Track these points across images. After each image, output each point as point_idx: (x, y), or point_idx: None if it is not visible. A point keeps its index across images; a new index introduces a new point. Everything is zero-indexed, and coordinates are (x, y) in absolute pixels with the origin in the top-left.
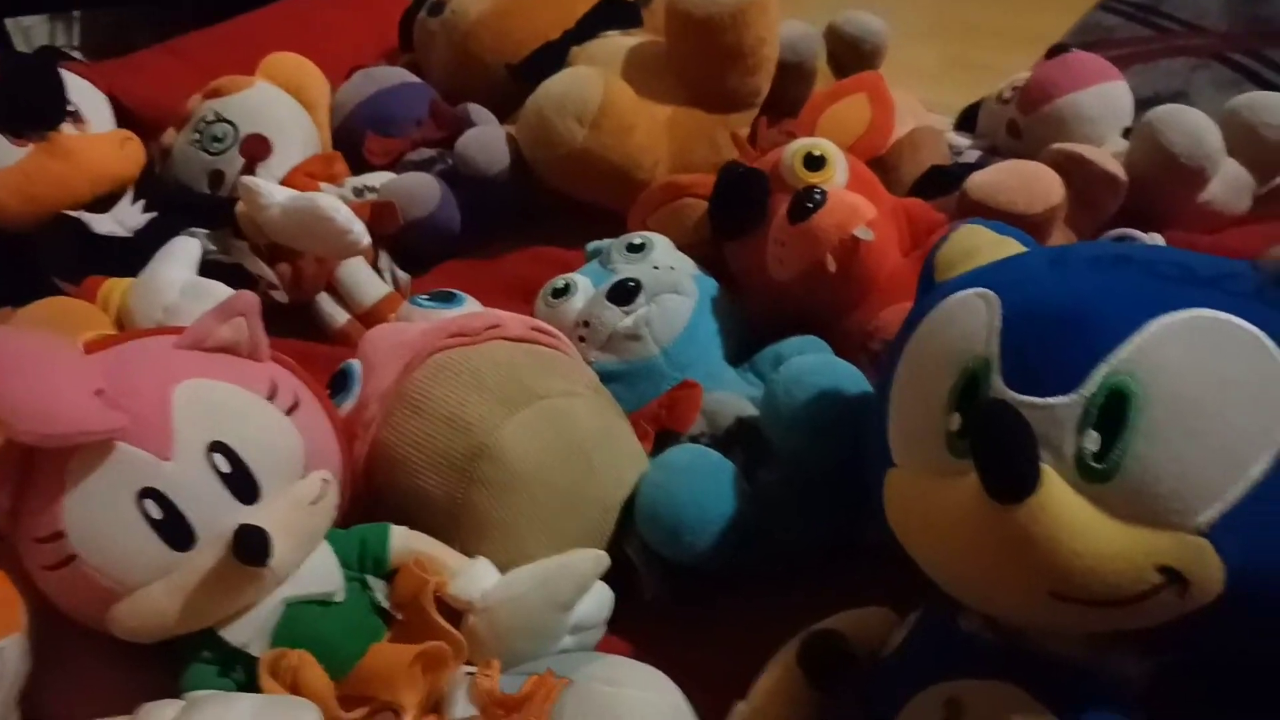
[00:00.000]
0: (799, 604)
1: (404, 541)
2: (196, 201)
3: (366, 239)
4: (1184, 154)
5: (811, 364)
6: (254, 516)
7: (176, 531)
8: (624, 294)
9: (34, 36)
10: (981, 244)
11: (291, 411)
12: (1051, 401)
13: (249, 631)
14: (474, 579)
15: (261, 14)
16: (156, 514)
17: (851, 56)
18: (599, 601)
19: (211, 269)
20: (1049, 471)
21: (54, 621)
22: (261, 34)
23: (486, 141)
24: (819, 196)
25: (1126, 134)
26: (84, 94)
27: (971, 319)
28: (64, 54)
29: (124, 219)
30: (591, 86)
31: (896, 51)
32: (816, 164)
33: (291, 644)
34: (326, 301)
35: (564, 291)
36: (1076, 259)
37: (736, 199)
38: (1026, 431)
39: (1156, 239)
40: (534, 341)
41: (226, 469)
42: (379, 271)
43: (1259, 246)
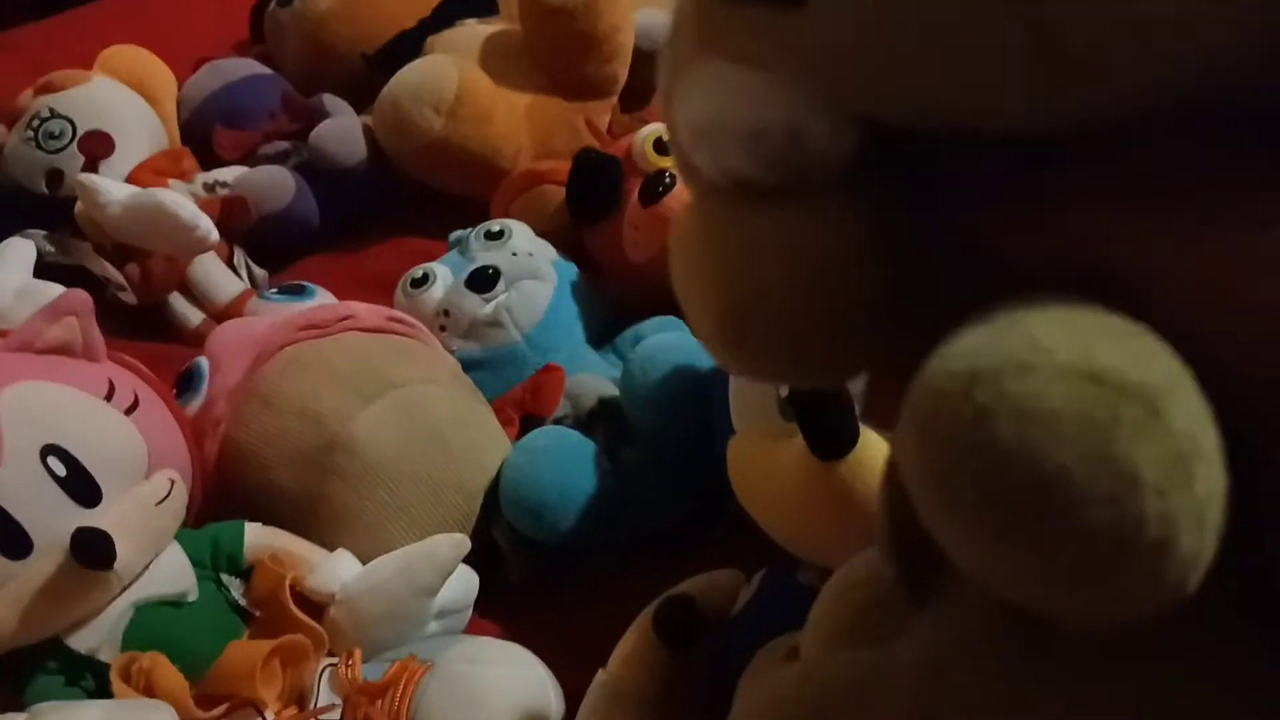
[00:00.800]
0: (664, 578)
1: (259, 538)
2: (33, 202)
3: (214, 235)
4: None
5: (666, 342)
6: (95, 520)
7: (10, 539)
8: (483, 281)
9: None
10: None
11: (131, 411)
12: None
13: (97, 637)
14: (332, 571)
15: (100, 5)
16: None
17: None
18: (463, 585)
19: (52, 272)
20: (866, 430)
21: None
22: (101, 26)
23: (342, 133)
24: (669, 180)
25: None
26: None
27: None
28: None
29: None
30: (447, 75)
31: None
32: (667, 148)
33: (144, 647)
34: (180, 301)
35: (423, 281)
36: None
37: (591, 185)
38: (843, 394)
39: None
40: (390, 332)
41: (62, 472)
42: (234, 269)
43: None
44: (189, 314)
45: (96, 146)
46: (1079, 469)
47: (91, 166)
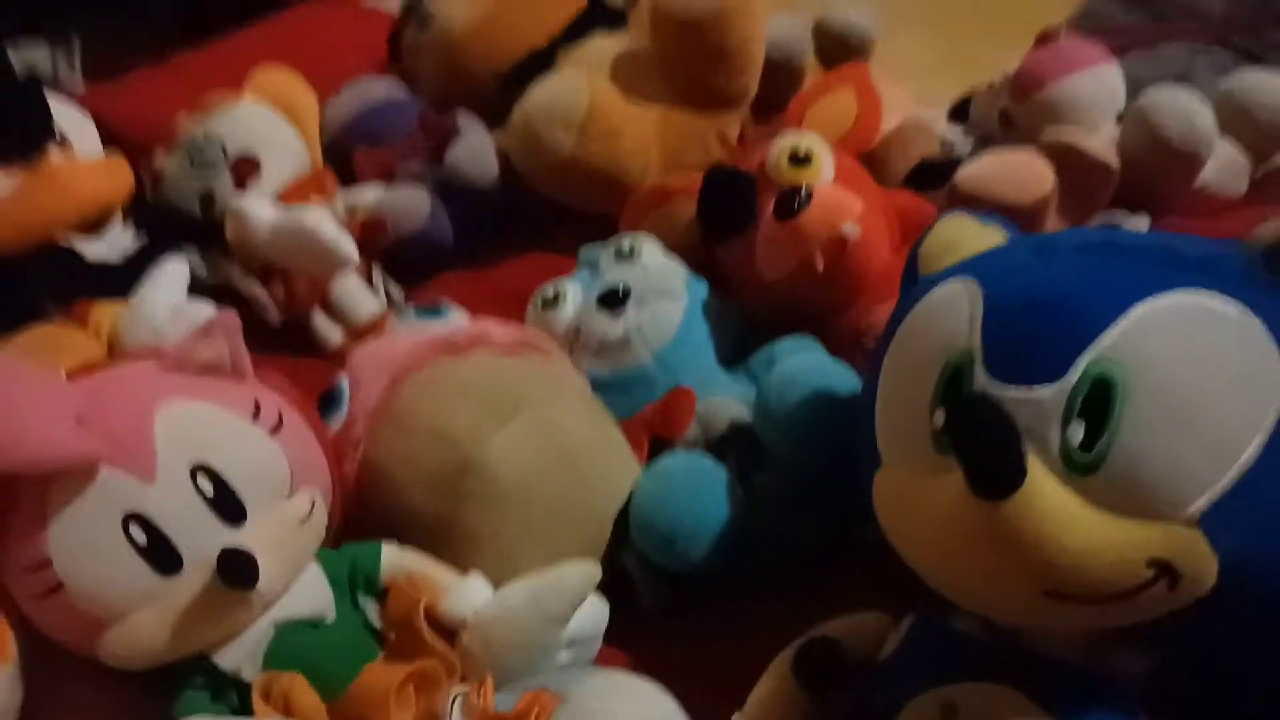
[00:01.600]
0: (798, 607)
1: (395, 559)
2: (188, 224)
3: (356, 255)
4: (1177, 138)
5: (803, 365)
6: (240, 538)
7: (162, 556)
8: (613, 301)
9: (36, 64)
10: (965, 235)
11: (276, 431)
12: (1035, 393)
13: (240, 656)
14: (465, 596)
15: (253, 30)
16: (142, 539)
17: (840, 52)
18: (594, 614)
19: (203, 291)
20: (1035, 465)
21: (48, 651)
22: (253, 50)
23: (476, 152)
24: (805, 194)
25: (1120, 118)
26: (69, 118)
27: (954, 312)
28: (47, 79)
29: (114, 243)
30: (577, 92)
31: (890, 46)
32: (802, 161)
33: (283, 666)
34: (321, 319)
35: (554, 301)
36: (1060, 246)
37: (723, 201)
38: (1009, 425)
39: (1142, 222)
40: (523, 352)
41: (211, 491)
42: (373, 287)
43: None
44: (330, 332)
45: (246, 169)
46: None
47: (241, 188)
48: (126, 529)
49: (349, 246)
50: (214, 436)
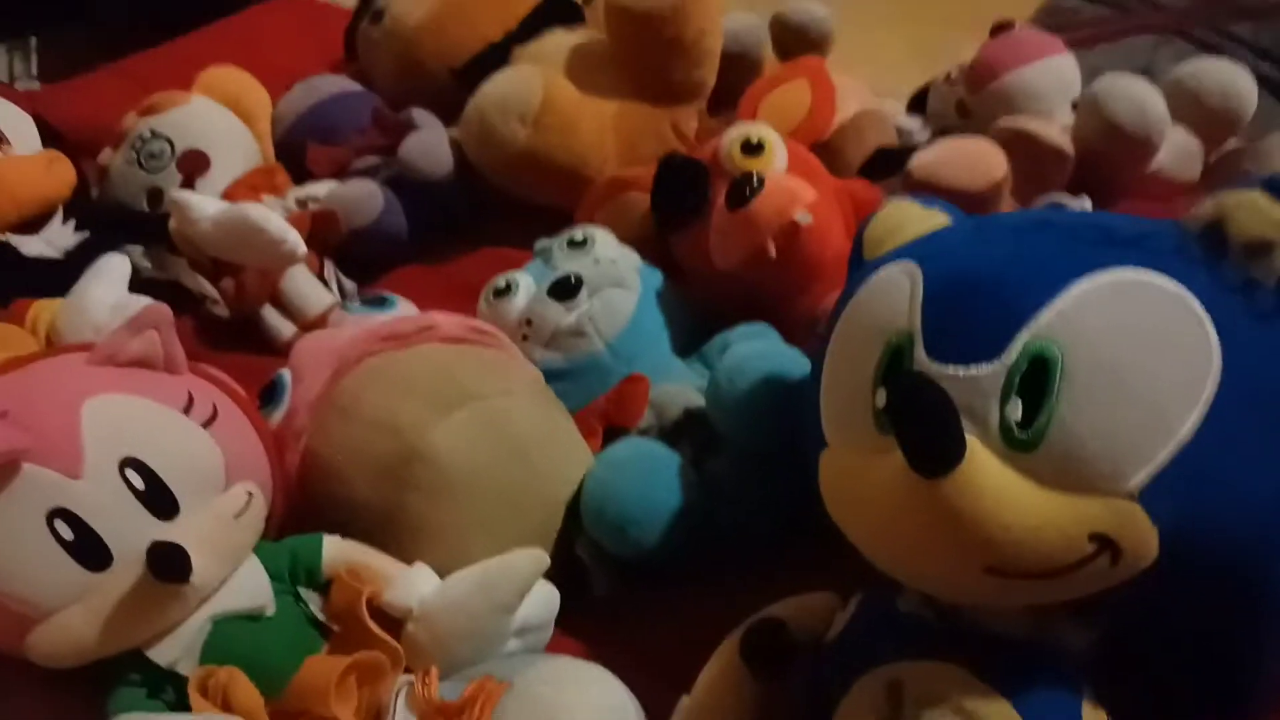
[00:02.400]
0: (751, 592)
1: (338, 551)
2: (134, 220)
3: (302, 248)
4: (1129, 124)
5: (754, 350)
6: (173, 533)
7: (91, 552)
8: (566, 290)
9: None
10: (908, 219)
11: (210, 424)
12: (974, 371)
13: (177, 650)
14: (410, 586)
15: (207, 31)
16: (68, 535)
17: (798, 45)
18: (544, 602)
19: (149, 287)
20: (974, 443)
21: None
22: (206, 50)
23: (430, 146)
24: (757, 182)
25: (1076, 107)
26: (8, 116)
27: (895, 293)
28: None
29: (54, 240)
30: (532, 85)
31: (858, 39)
32: (754, 150)
33: (221, 661)
34: (272, 314)
35: (505, 291)
36: (998, 226)
37: (676, 189)
38: (946, 402)
39: (1085, 203)
40: (471, 342)
41: (141, 485)
42: (325, 282)
43: None
44: (281, 326)
45: (194, 165)
46: None
47: (189, 184)
48: (52, 524)
49: (295, 239)
50: (144, 430)
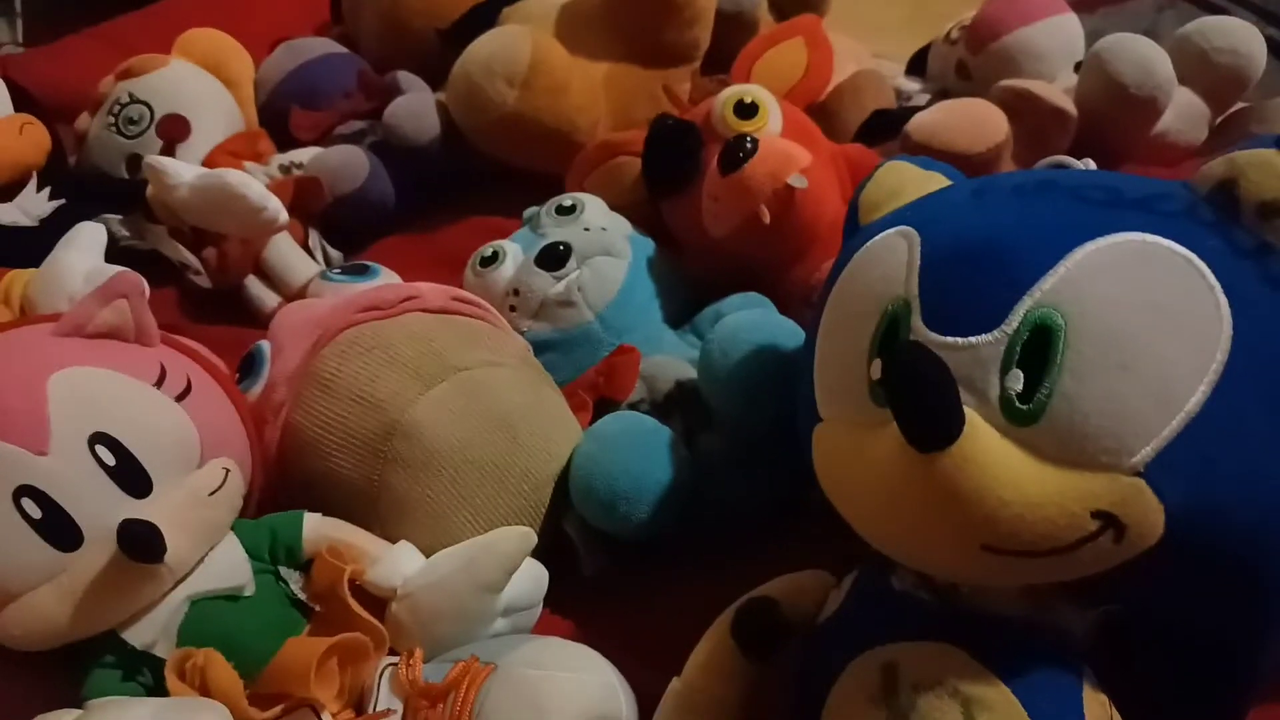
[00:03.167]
0: (743, 570)
1: (319, 529)
2: (113, 187)
3: (283, 215)
4: (1134, 84)
5: (747, 321)
6: (145, 510)
7: (60, 530)
8: (554, 259)
9: None
10: (906, 182)
11: (183, 397)
12: (973, 340)
13: (153, 632)
14: (394, 564)
15: None
16: (35, 513)
17: (794, 5)
18: (532, 581)
19: (128, 256)
20: (973, 416)
21: None
22: (189, 14)
23: (415, 110)
24: (750, 145)
25: (1079, 69)
26: None
27: (892, 259)
28: None
29: (28, 208)
30: (519, 45)
31: (859, 5)
32: (748, 112)
33: (199, 643)
34: (256, 285)
35: (492, 260)
36: (998, 189)
37: (667, 152)
38: (944, 373)
39: (1088, 164)
40: (455, 312)
41: (111, 461)
42: (309, 251)
43: None
44: (265, 297)
45: (174, 130)
46: None
47: (169, 150)
48: (18, 502)
49: (275, 206)
50: (114, 404)
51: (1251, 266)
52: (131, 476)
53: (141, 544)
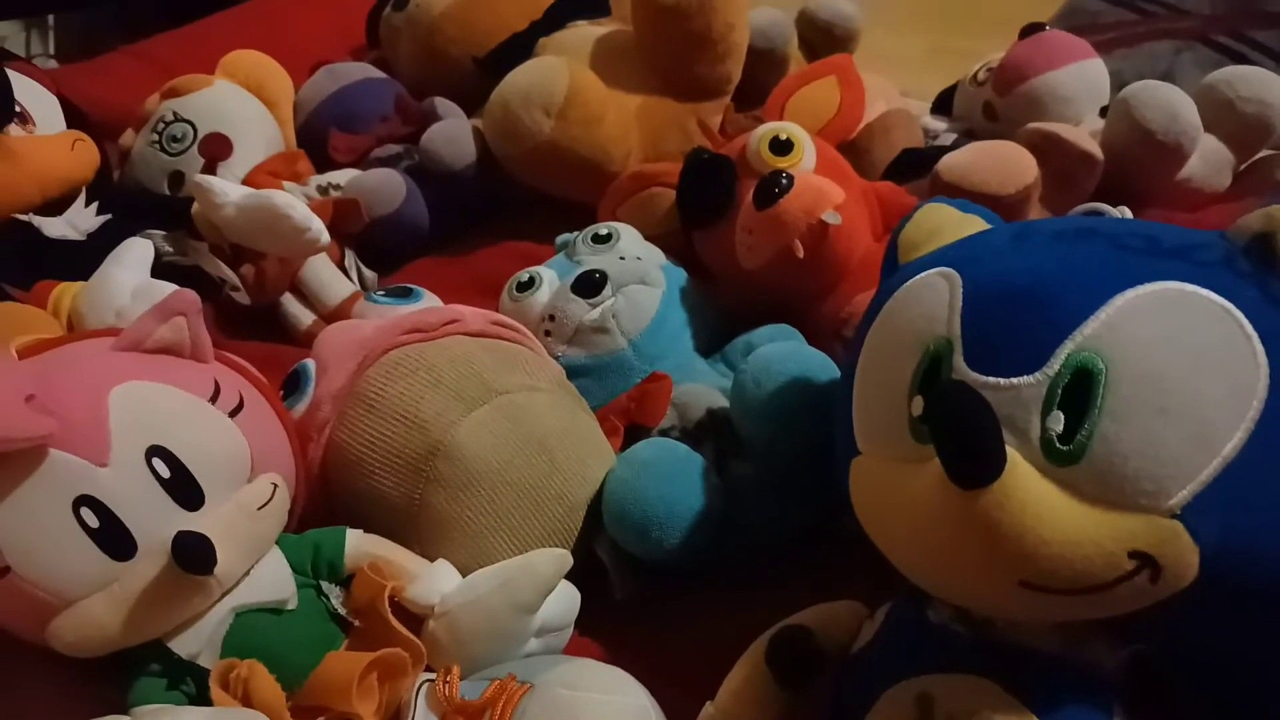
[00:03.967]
0: (774, 597)
1: (360, 545)
2: (156, 203)
3: (325, 237)
4: (1160, 130)
5: (780, 352)
6: (197, 523)
7: (116, 540)
8: (590, 286)
9: (10, 46)
10: (945, 223)
11: (236, 413)
12: (1015, 381)
13: (198, 642)
14: (433, 582)
15: (228, 14)
16: (94, 522)
17: (824, 42)
18: (565, 603)
19: (170, 272)
20: (1014, 455)
21: None
22: (227, 34)
23: (452, 136)
24: (785, 181)
25: (1104, 113)
26: (32, 95)
27: (933, 299)
28: (10, 54)
29: (77, 222)
30: (557, 77)
31: (880, 40)
32: (783, 148)
33: (242, 654)
34: (292, 303)
35: (528, 285)
36: (1039, 234)
37: (702, 186)
38: (988, 413)
39: (1124, 212)
40: (495, 336)
41: (167, 474)
42: (345, 271)
43: None
44: (301, 315)
45: (216, 149)
46: None
47: (211, 168)
48: (77, 512)
49: (318, 227)
50: (170, 418)
51: None
52: (185, 489)
53: (194, 556)
